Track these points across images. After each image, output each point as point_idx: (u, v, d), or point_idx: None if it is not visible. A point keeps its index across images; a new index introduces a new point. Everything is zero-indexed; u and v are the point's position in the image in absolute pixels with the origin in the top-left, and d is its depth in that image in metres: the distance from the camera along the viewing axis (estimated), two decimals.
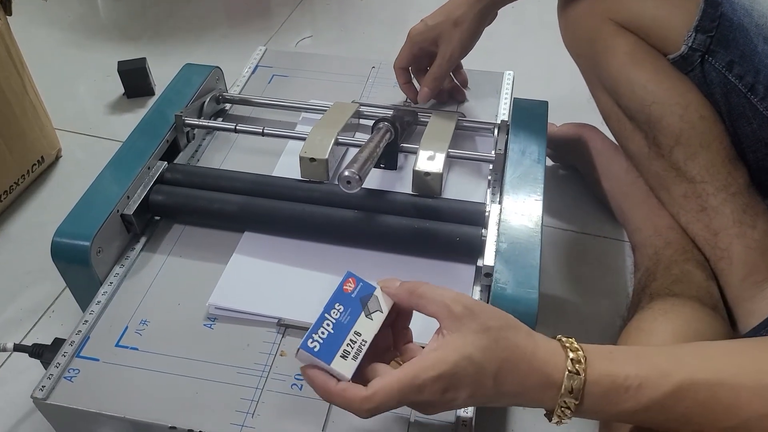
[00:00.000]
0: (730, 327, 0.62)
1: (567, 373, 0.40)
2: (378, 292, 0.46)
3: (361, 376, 0.43)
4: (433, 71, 0.74)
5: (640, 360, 0.41)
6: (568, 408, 0.41)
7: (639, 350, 0.46)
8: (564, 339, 0.43)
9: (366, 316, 0.45)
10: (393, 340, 0.47)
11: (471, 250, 0.59)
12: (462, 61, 0.78)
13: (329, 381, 0.42)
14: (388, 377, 0.41)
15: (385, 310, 0.45)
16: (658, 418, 0.41)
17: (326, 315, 0.44)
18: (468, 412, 0.50)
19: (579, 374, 0.40)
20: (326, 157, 0.63)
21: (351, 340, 0.43)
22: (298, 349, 0.43)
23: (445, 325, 0.42)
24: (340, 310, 0.44)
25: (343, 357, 0.43)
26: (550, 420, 0.42)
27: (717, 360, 0.41)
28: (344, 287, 0.46)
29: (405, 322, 0.47)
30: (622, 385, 0.40)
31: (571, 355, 0.41)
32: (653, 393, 0.40)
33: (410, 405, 0.42)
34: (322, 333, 0.43)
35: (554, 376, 0.41)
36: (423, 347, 0.43)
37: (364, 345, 0.43)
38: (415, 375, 0.40)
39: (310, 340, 0.43)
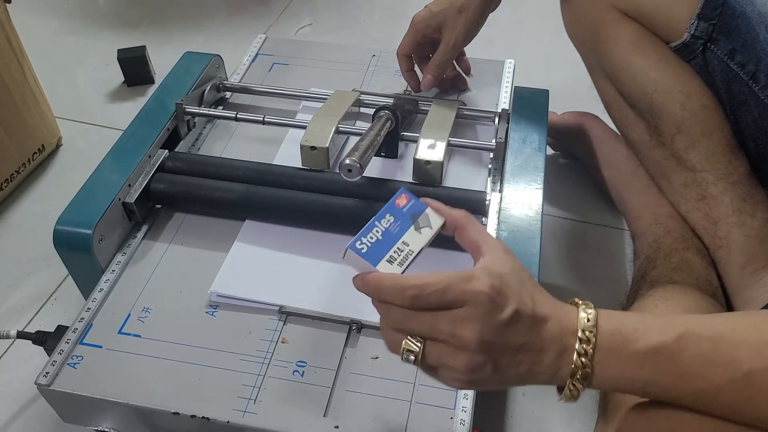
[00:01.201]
0: None
1: (581, 331, 0.40)
2: (429, 211, 0.46)
3: None
4: (437, 58, 0.73)
5: (643, 317, 0.42)
6: (585, 354, 0.40)
7: (641, 314, 0.45)
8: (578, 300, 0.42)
9: (415, 229, 0.45)
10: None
11: None
12: (464, 48, 0.78)
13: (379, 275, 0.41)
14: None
15: (435, 227, 0.45)
16: (665, 380, 0.40)
17: (376, 222, 0.44)
18: (467, 398, 0.51)
19: (590, 341, 0.40)
20: (327, 145, 0.63)
21: (398, 248, 0.44)
22: (346, 249, 0.43)
23: (484, 250, 0.42)
24: (390, 221, 0.45)
25: (389, 261, 0.43)
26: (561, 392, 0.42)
27: (715, 320, 0.41)
28: (396, 201, 0.46)
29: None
30: (629, 337, 0.40)
31: (582, 314, 0.41)
32: (658, 338, 0.39)
33: (448, 319, 0.40)
34: (371, 238, 0.43)
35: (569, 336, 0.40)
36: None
37: (411, 254, 0.44)
38: (472, 271, 0.40)
39: (359, 242, 0.43)
